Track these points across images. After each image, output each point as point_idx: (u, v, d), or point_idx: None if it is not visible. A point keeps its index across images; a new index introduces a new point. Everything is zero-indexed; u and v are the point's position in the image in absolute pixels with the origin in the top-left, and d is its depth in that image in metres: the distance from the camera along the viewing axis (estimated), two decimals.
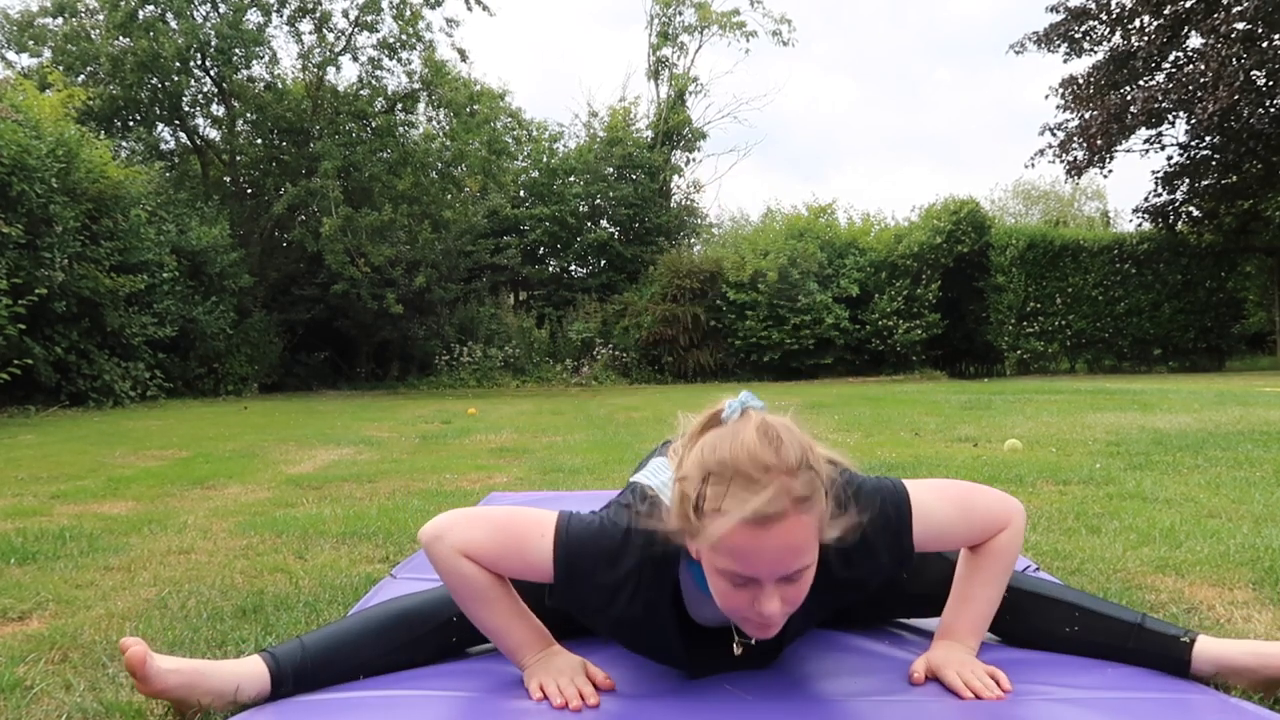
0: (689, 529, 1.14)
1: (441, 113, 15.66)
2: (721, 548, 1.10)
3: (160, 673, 1.24)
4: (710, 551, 1.13)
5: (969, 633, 1.34)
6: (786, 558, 1.10)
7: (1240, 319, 16.26)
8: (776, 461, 1.09)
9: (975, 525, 1.33)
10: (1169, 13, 13.92)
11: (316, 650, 1.34)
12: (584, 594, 1.26)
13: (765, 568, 1.10)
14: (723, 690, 1.31)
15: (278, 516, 2.94)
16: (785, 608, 1.14)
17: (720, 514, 1.09)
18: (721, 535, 1.09)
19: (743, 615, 1.16)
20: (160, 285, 11.23)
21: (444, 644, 1.43)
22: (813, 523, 1.12)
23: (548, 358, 16.69)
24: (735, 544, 1.09)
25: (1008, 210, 30.41)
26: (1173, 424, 5.30)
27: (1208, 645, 1.33)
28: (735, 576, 1.12)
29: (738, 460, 1.10)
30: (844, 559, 1.23)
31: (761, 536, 1.08)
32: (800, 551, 1.11)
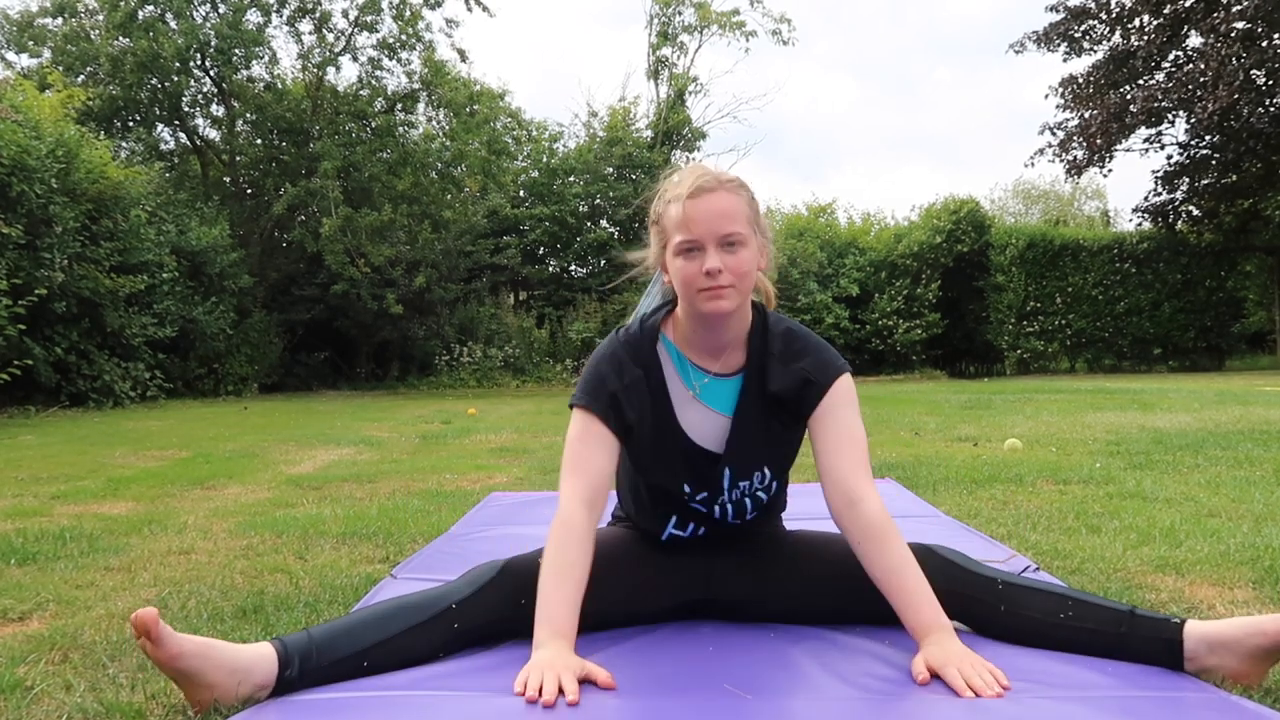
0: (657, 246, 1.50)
1: (441, 113, 15.66)
2: (672, 226, 1.44)
3: (173, 636, 1.24)
4: (670, 246, 1.45)
5: (935, 622, 1.36)
6: (721, 220, 1.40)
7: (1240, 318, 16.26)
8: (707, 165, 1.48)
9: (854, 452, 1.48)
10: (1169, 12, 13.93)
11: (322, 639, 1.36)
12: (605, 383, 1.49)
13: (704, 228, 1.40)
14: (723, 690, 1.31)
15: (278, 517, 2.94)
16: (728, 276, 1.40)
17: (668, 200, 1.46)
18: (671, 214, 1.44)
19: (697, 286, 1.42)
20: (160, 286, 11.22)
21: (446, 632, 1.44)
22: (742, 201, 1.44)
23: (548, 358, 16.69)
24: (679, 214, 1.42)
25: (1007, 210, 30.43)
26: (1173, 423, 5.30)
27: (1197, 625, 1.36)
28: (684, 247, 1.42)
29: (679, 170, 1.50)
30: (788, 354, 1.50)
31: (699, 203, 1.41)
32: (733, 218, 1.41)
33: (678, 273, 1.45)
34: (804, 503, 2.33)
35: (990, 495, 3.06)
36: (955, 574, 1.47)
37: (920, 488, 3.23)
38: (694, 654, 1.46)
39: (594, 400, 1.49)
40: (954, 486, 3.25)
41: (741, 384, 1.53)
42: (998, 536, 2.37)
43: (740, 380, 1.53)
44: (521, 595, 1.45)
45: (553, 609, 1.36)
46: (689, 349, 1.53)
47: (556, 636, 1.34)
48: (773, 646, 1.48)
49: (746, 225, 1.43)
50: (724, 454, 1.53)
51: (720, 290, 1.41)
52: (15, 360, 8.38)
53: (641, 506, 1.63)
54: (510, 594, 1.47)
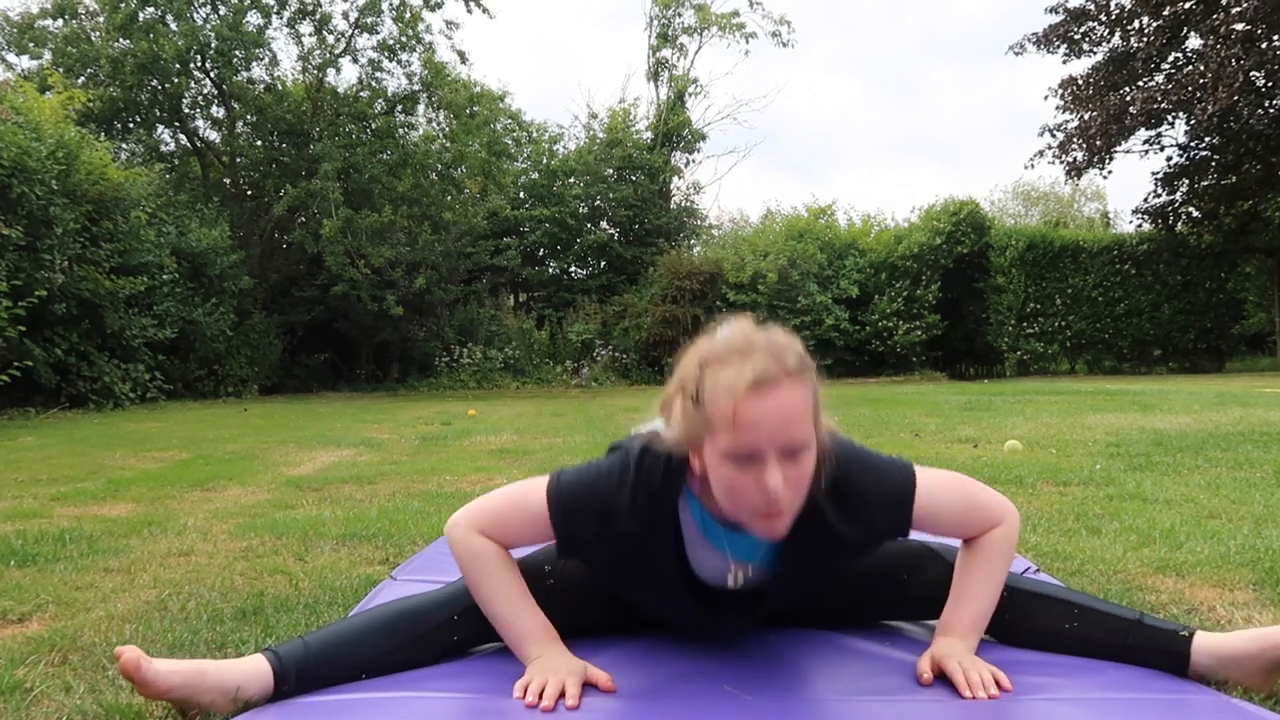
0: (692, 428, 1.18)
1: (441, 114, 15.67)
2: (722, 423, 1.14)
3: (159, 674, 1.23)
4: (712, 439, 1.16)
5: (968, 630, 1.36)
6: (786, 425, 1.14)
7: (1240, 320, 16.26)
8: (767, 339, 1.18)
9: (972, 514, 1.37)
10: (1168, 14, 13.93)
11: (319, 649, 1.34)
12: (583, 521, 1.30)
13: (766, 435, 1.13)
14: (723, 691, 1.31)
15: (278, 518, 2.94)
16: (789, 492, 1.16)
17: (719, 389, 1.14)
18: (721, 409, 1.13)
19: (749, 503, 1.18)
20: (160, 287, 11.23)
21: (446, 643, 1.43)
22: (808, 395, 1.17)
23: (548, 359, 16.69)
24: (735, 415, 1.13)
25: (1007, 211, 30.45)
26: (1173, 425, 5.29)
27: (1206, 638, 1.34)
28: (738, 455, 1.14)
29: (730, 341, 1.18)
30: (844, 510, 1.28)
31: (759, 402, 1.12)
32: (798, 420, 1.15)
33: (723, 480, 1.18)
34: None
35: None
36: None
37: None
38: (694, 655, 1.45)
39: (563, 523, 1.31)
40: None
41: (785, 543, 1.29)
42: None
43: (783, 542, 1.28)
44: None
45: (522, 625, 1.34)
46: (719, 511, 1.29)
47: (545, 643, 1.33)
48: (773, 648, 1.48)
49: (811, 422, 1.18)
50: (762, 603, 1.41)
51: (777, 512, 1.18)
52: (15, 362, 8.38)
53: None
54: None
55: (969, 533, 1.38)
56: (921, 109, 47.34)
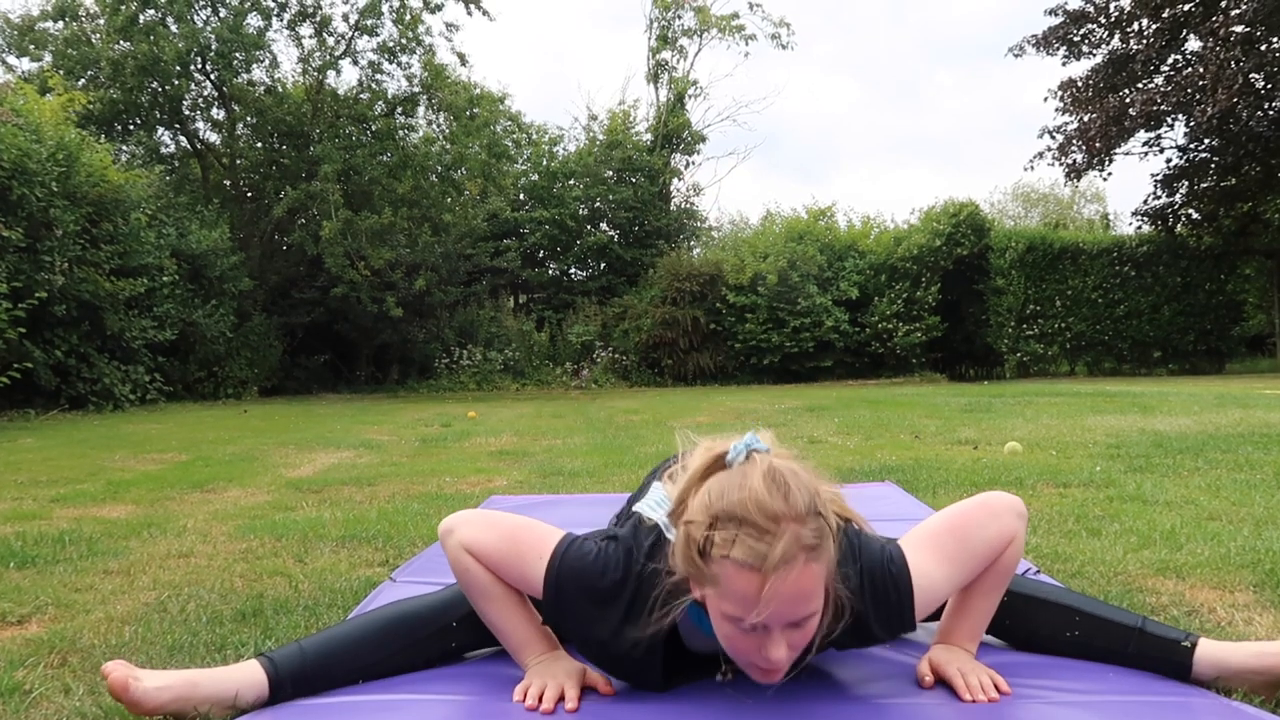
0: (694, 574, 1.14)
1: (441, 116, 15.68)
2: (729, 595, 1.10)
3: (148, 693, 1.23)
4: (715, 596, 1.12)
5: (967, 639, 1.36)
6: (795, 605, 1.10)
7: (1240, 321, 16.26)
8: (785, 509, 1.08)
9: (975, 565, 1.31)
10: (1167, 16, 13.95)
11: (315, 654, 1.34)
12: (569, 618, 1.28)
13: (773, 614, 1.09)
14: (723, 693, 1.31)
15: (277, 520, 2.93)
16: (791, 654, 1.14)
17: (727, 560, 1.08)
18: (729, 581, 1.09)
19: (748, 660, 1.16)
20: (160, 289, 11.23)
21: (444, 648, 1.43)
22: (821, 570, 1.12)
23: (547, 361, 16.69)
24: (744, 591, 1.08)
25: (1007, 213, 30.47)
26: (1173, 426, 5.29)
27: (1209, 649, 1.33)
28: (741, 623, 1.11)
29: (746, 508, 1.09)
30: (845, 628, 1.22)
31: (769, 584, 1.07)
32: (809, 599, 1.11)
33: (724, 635, 1.15)
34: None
35: None
36: None
37: (920, 490, 3.23)
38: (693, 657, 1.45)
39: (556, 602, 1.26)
40: (954, 489, 3.25)
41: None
42: None
43: None
44: None
45: (521, 634, 1.33)
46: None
47: (544, 649, 1.33)
48: None
49: (822, 593, 1.14)
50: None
51: (776, 673, 1.16)
52: (15, 363, 8.38)
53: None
54: None
55: (984, 567, 1.32)
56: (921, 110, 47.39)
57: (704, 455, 1.19)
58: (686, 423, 6.98)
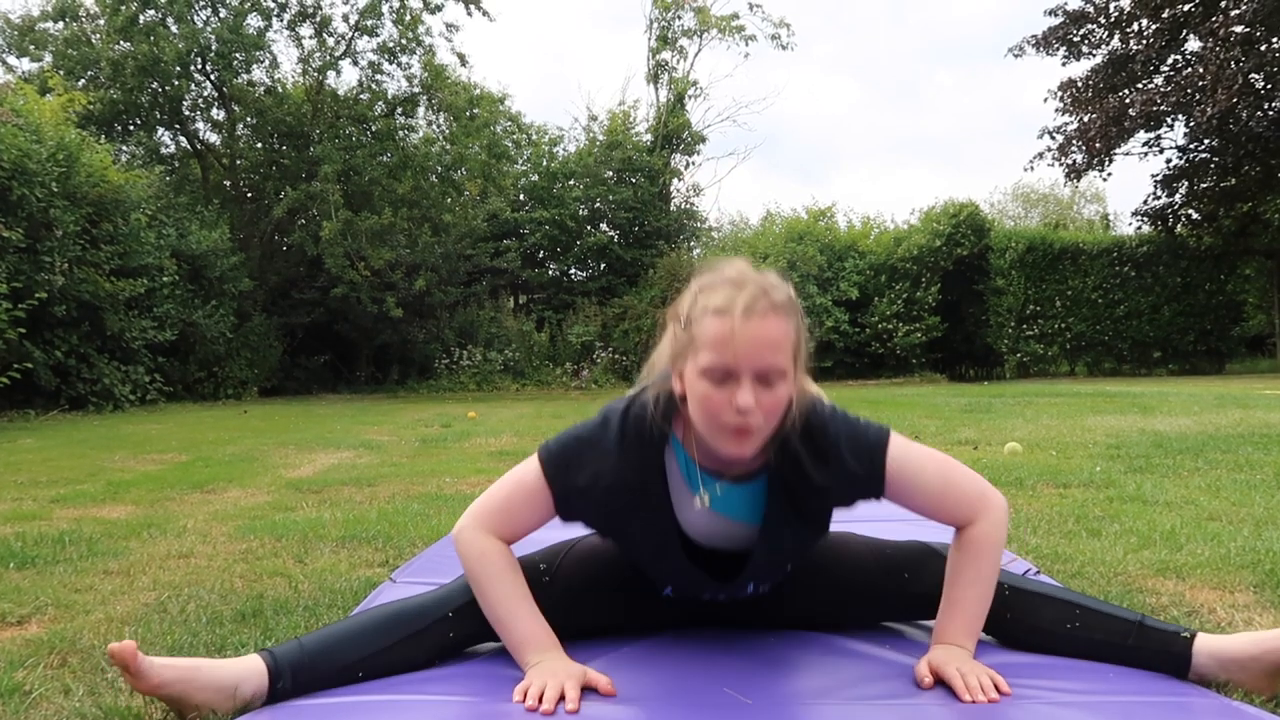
0: (679, 349, 1.28)
1: (441, 116, 15.69)
2: (704, 341, 1.22)
3: (154, 667, 1.23)
4: (694, 358, 1.24)
5: (963, 635, 1.35)
6: (763, 350, 1.20)
7: (1240, 322, 16.27)
8: (756, 275, 1.26)
9: (951, 492, 1.34)
10: (1167, 16, 13.95)
11: (314, 649, 1.34)
12: (576, 475, 1.34)
13: (743, 356, 1.20)
14: (723, 694, 1.31)
15: (277, 520, 2.93)
16: (760, 415, 1.22)
17: (706, 310, 1.24)
18: (706, 328, 1.22)
19: (721, 421, 1.23)
20: (160, 289, 11.23)
21: (442, 640, 1.43)
22: (790, 330, 1.24)
23: (547, 361, 16.69)
24: (717, 332, 1.21)
25: (1007, 213, 30.48)
26: (1173, 427, 5.29)
27: (1207, 641, 1.34)
28: (715, 372, 1.21)
29: (725, 272, 1.27)
30: (816, 455, 1.31)
31: (741, 324, 1.20)
32: (775, 347, 1.21)
33: (700, 397, 1.24)
34: None
35: None
36: None
37: None
38: (694, 658, 1.45)
39: (556, 477, 1.35)
40: None
41: (765, 490, 1.36)
42: None
43: (762, 486, 1.36)
44: None
45: (523, 629, 1.33)
46: (701, 456, 1.35)
47: (545, 648, 1.33)
48: (773, 651, 1.48)
49: (790, 357, 1.24)
50: (746, 567, 1.41)
51: (747, 431, 1.23)
52: (15, 364, 8.38)
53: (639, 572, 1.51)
54: None
55: (948, 514, 1.35)
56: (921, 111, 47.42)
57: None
58: None
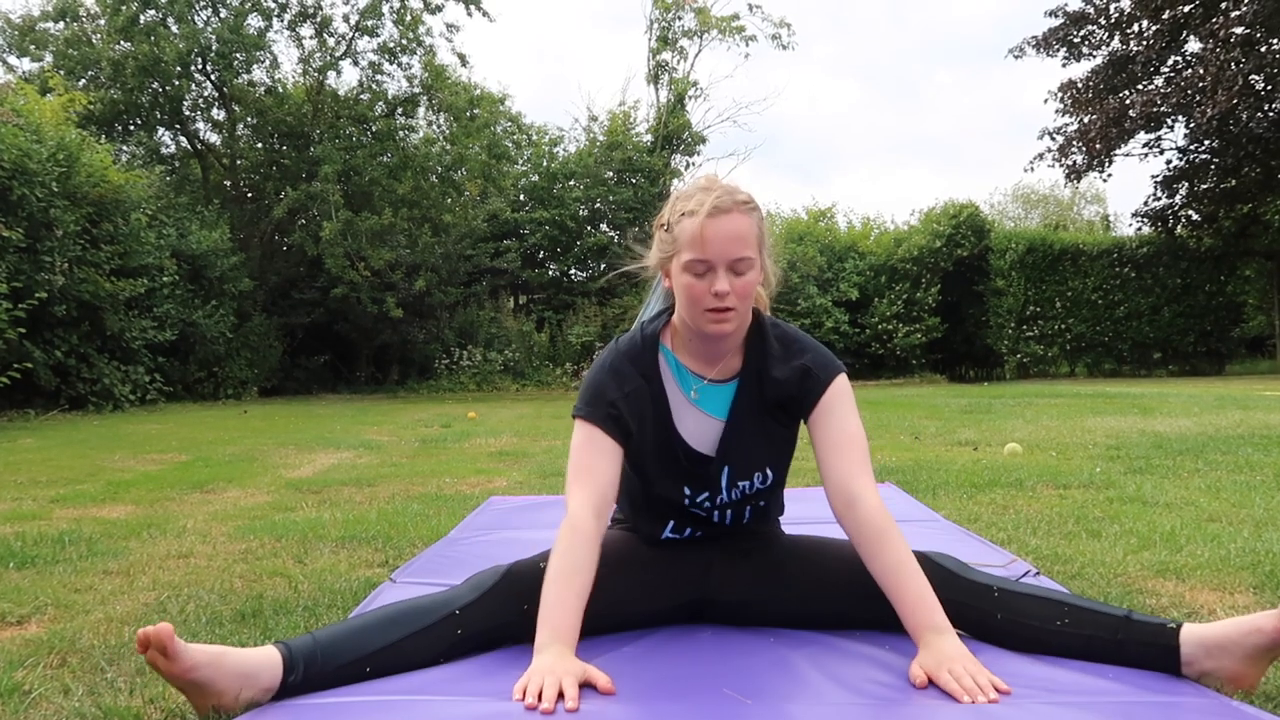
0: (664, 252, 1.50)
1: (441, 117, 15.69)
2: (685, 241, 1.44)
3: (187, 650, 1.24)
4: (678, 258, 1.46)
5: (930, 616, 1.36)
6: (733, 243, 1.42)
7: (1240, 323, 16.28)
8: (725, 184, 1.49)
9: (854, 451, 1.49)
10: (1167, 17, 13.96)
11: (327, 642, 1.37)
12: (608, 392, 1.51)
13: (718, 248, 1.42)
14: (722, 694, 1.31)
15: (277, 520, 2.93)
16: (735, 299, 1.44)
17: (683, 215, 1.45)
18: (685, 228, 1.44)
19: (703, 306, 1.45)
20: (160, 289, 11.23)
21: (450, 637, 1.44)
22: (754, 225, 1.46)
23: (548, 361, 16.69)
24: (694, 232, 1.43)
25: (1007, 214, 30.49)
26: (1173, 428, 5.30)
27: (1193, 629, 1.36)
28: (695, 265, 1.43)
29: (697, 182, 1.51)
30: (784, 353, 1.54)
31: (713, 222, 1.42)
32: (744, 241, 1.43)
33: (684, 289, 1.47)
34: (803, 508, 2.32)
35: (990, 500, 3.06)
36: (950, 581, 1.46)
37: (920, 492, 3.23)
38: (693, 658, 1.45)
39: (595, 409, 1.50)
40: (954, 491, 3.25)
41: (737, 388, 1.56)
42: (998, 541, 2.37)
43: (736, 384, 1.56)
44: (525, 601, 1.45)
45: (556, 612, 1.36)
46: (687, 356, 1.57)
47: (557, 640, 1.33)
48: (772, 651, 1.48)
49: (756, 248, 1.46)
50: (719, 456, 1.56)
51: (726, 313, 1.45)
52: (15, 364, 8.38)
53: (638, 509, 1.64)
54: (513, 599, 1.47)
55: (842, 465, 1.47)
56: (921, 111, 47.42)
57: None
58: None
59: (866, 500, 1.43)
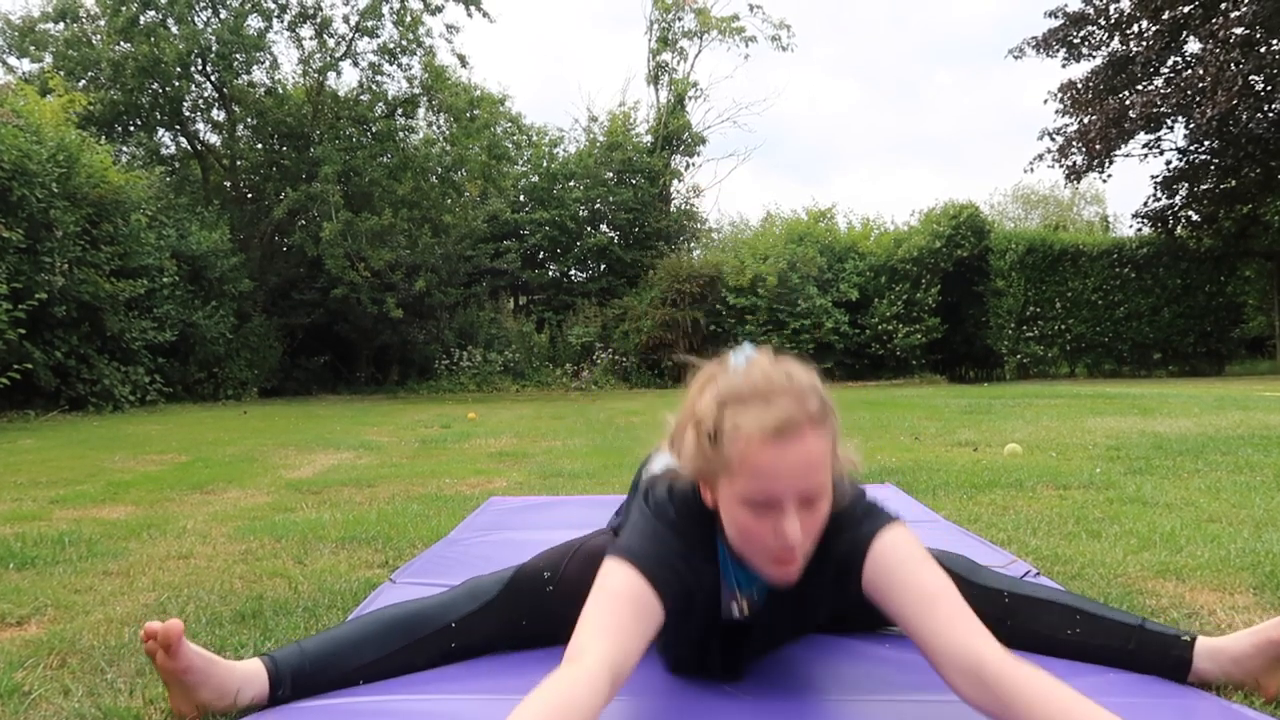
0: (706, 466, 1.15)
1: (442, 118, 15.69)
2: (741, 469, 1.11)
3: (188, 650, 1.24)
4: (729, 482, 1.13)
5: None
6: (806, 473, 1.11)
7: (1240, 323, 16.27)
8: (789, 383, 1.13)
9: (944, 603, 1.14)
10: (1167, 18, 13.95)
11: (315, 655, 1.34)
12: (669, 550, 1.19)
13: (786, 483, 1.10)
14: (721, 691, 1.31)
15: (277, 521, 2.93)
16: (804, 540, 1.14)
17: (738, 432, 1.10)
18: (741, 453, 1.10)
19: (763, 548, 1.15)
20: (160, 290, 11.23)
21: (443, 649, 1.42)
22: (827, 442, 1.14)
23: (547, 362, 16.69)
24: (756, 461, 1.10)
25: (1007, 214, 30.49)
26: (1173, 428, 5.29)
27: (1206, 643, 1.34)
28: (755, 502, 1.12)
29: (753, 383, 1.13)
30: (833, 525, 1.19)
31: (780, 450, 1.09)
32: (818, 467, 1.12)
33: (738, 523, 1.15)
34: None
35: (990, 500, 3.06)
36: (960, 586, 1.44)
37: (920, 493, 3.23)
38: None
39: (654, 563, 1.17)
40: (954, 491, 3.25)
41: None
42: (998, 541, 2.37)
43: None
44: (523, 617, 1.44)
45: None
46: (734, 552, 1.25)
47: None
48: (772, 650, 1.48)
49: (829, 469, 1.15)
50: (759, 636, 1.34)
51: (792, 559, 1.15)
52: (15, 364, 8.38)
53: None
54: (512, 612, 1.45)
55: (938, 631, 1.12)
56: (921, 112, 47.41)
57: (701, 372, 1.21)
58: None
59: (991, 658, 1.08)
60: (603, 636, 1.10)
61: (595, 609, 1.15)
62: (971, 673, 1.09)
